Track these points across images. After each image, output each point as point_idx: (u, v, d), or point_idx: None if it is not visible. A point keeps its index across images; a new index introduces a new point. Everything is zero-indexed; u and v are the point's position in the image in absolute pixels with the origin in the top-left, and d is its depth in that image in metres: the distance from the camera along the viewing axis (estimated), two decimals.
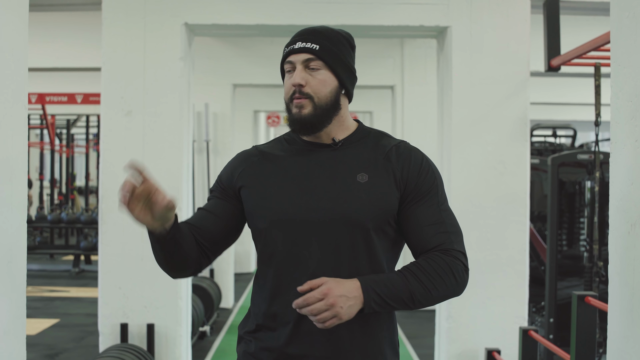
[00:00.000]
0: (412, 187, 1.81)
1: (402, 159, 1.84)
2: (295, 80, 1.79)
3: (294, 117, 1.81)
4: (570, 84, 10.30)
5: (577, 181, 5.94)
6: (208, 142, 8.47)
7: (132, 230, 4.66)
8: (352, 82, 1.88)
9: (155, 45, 4.67)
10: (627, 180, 1.90)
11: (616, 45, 1.98)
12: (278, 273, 1.79)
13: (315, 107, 1.80)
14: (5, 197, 2.15)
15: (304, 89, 1.79)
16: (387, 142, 1.88)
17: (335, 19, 4.63)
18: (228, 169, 1.93)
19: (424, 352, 6.13)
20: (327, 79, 1.82)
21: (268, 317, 1.80)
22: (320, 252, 1.76)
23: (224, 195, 1.89)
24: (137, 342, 4.68)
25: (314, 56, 1.80)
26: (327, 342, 1.76)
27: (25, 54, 2.30)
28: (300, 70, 1.80)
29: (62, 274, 10.52)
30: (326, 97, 1.81)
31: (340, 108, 1.85)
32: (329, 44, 1.82)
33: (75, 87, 10.40)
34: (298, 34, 1.86)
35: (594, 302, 3.08)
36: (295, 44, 1.83)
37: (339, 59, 1.83)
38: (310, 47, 1.81)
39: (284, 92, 1.86)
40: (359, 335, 1.77)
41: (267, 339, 1.80)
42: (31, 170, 15.60)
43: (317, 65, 1.81)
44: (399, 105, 8.20)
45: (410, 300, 1.72)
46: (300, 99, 1.79)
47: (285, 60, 1.85)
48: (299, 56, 1.81)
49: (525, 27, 4.70)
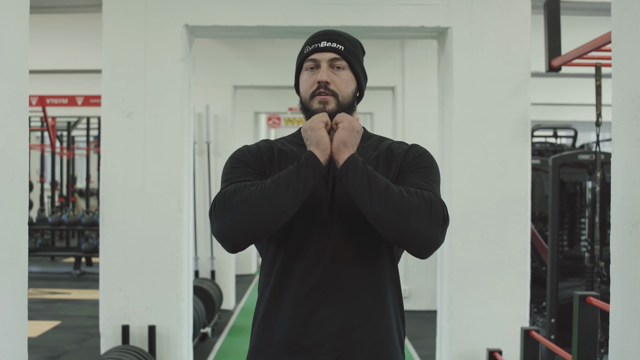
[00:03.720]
0: (407, 164, 1.88)
1: (403, 148, 1.93)
2: (323, 77, 1.85)
3: (317, 112, 1.85)
4: (571, 84, 10.29)
5: (578, 181, 5.94)
6: (209, 144, 8.47)
7: (133, 232, 4.67)
8: (365, 86, 1.96)
9: (156, 47, 4.67)
10: (629, 180, 1.89)
11: (617, 45, 1.98)
12: (288, 257, 1.84)
13: (338, 104, 1.86)
14: (6, 199, 2.15)
15: (330, 86, 1.85)
16: (388, 140, 1.98)
17: (336, 20, 4.63)
18: (251, 152, 1.90)
19: (425, 352, 6.12)
20: (350, 79, 1.89)
21: (275, 306, 1.84)
22: (334, 243, 1.82)
23: (258, 172, 1.86)
24: (139, 343, 4.68)
25: (340, 56, 1.87)
26: (338, 333, 1.80)
27: (26, 56, 2.30)
28: (325, 68, 1.86)
29: (63, 276, 10.53)
30: (348, 96, 1.89)
31: (355, 109, 1.93)
32: (352, 47, 1.91)
33: (75, 89, 10.40)
34: (321, 33, 1.92)
35: (595, 302, 3.08)
36: (320, 42, 1.88)
37: (359, 62, 1.92)
38: (337, 47, 1.88)
39: (301, 89, 1.91)
40: (368, 324, 1.82)
41: (276, 333, 1.84)
42: (32, 172, 15.61)
43: (342, 65, 1.88)
44: (400, 106, 8.20)
45: (384, 190, 1.71)
46: (326, 95, 1.85)
47: (308, 57, 1.89)
48: (325, 55, 1.87)
49: (526, 28, 4.70)
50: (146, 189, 4.68)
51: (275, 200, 1.70)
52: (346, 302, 1.81)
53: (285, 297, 1.83)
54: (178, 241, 4.69)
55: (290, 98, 10.83)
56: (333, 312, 1.80)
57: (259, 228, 1.71)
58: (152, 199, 4.67)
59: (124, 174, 4.69)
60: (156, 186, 4.68)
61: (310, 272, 1.81)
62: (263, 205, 1.70)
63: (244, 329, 7.09)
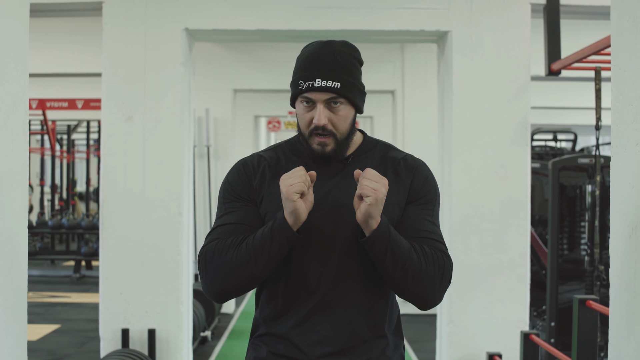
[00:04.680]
0: (414, 193, 1.86)
1: (409, 172, 1.88)
2: (321, 121, 1.77)
3: (317, 152, 1.82)
4: (570, 88, 10.29)
5: (578, 185, 5.94)
6: (209, 147, 8.48)
7: (133, 235, 4.67)
8: (364, 100, 1.89)
9: (156, 51, 4.67)
10: (628, 184, 1.89)
11: (617, 48, 1.98)
12: (292, 277, 1.82)
13: (337, 142, 1.81)
14: (5, 202, 2.15)
15: (327, 127, 1.79)
16: (393, 154, 1.92)
17: (336, 24, 4.64)
18: (241, 177, 1.87)
19: (425, 356, 6.12)
20: (348, 113, 1.82)
21: (278, 314, 1.84)
22: (336, 262, 1.80)
23: (246, 203, 1.85)
24: (138, 347, 4.68)
25: (337, 95, 1.78)
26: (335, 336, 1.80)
27: (26, 60, 2.30)
28: (322, 109, 1.78)
29: (63, 280, 10.52)
30: (347, 129, 1.83)
31: (355, 131, 1.88)
32: (348, 78, 1.79)
33: (75, 92, 10.40)
34: (314, 66, 1.79)
35: (595, 305, 3.08)
36: (314, 80, 1.77)
37: (357, 90, 1.83)
38: (333, 85, 1.77)
39: (299, 122, 1.85)
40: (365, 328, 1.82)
41: (278, 336, 1.84)
42: (32, 176, 15.61)
43: (340, 101, 1.79)
44: (400, 109, 8.20)
45: (403, 264, 1.72)
46: (324, 137, 1.80)
47: (302, 94, 1.80)
48: (320, 95, 1.78)
49: (525, 31, 4.70)
50: (146, 193, 4.68)
51: (249, 268, 1.73)
52: (346, 325, 1.80)
53: (285, 320, 1.83)
54: (178, 245, 4.68)
55: None
56: (333, 333, 1.80)
57: (237, 291, 1.78)
58: (152, 203, 4.67)
59: (124, 177, 4.69)
60: (156, 190, 4.68)
61: (310, 297, 1.80)
62: (239, 273, 1.73)
63: (243, 333, 7.08)
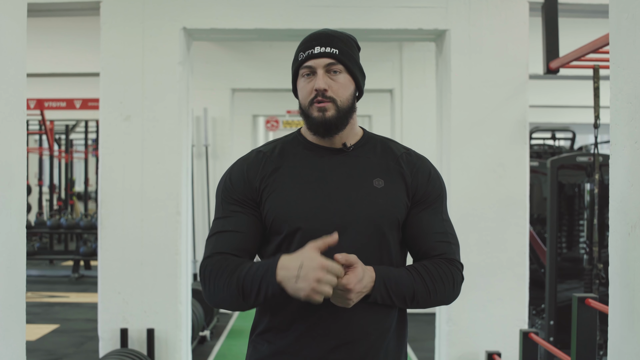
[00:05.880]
0: (420, 194, 1.87)
1: (412, 167, 1.89)
2: (320, 85, 1.80)
3: (317, 120, 1.81)
4: (569, 86, 10.31)
5: (577, 183, 5.94)
6: (207, 147, 8.47)
7: (132, 235, 4.67)
8: (364, 84, 1.91)
9: (154, 50, 4.67)
10: (627, 182, 1.89)
11: (615, 47, 1.98)
12: None
13: (338, 110, 1.82)
14: (4, 202, 2.15)
15: (327, 93, 1.81)
16: (395, 148, 1.93)
17: (334, 22, 4.63)
18: (241, 178, 1.86)
19: (424, 355, 6.12)
20: (347, 83, 1.84)
21: (280, 318, 1.82)
22: None
23: (244, 208, 1.83)
24: (137, 347, 4.67)
25: (335, 60, 1.82)
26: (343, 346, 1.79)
27: (24, 60, 2.30)
28: (322, 74, 1.81)
29: (61, 280, 10.51)
30: (347, 99, 1.84)
31: (355, 110, 1.89)
32: (346, 48, 1.84)
33: (73, 92, 10.40)
34: (314, 37, 1.85)
35: (594, 304, 3.07)
36: (314, 48, 1.82)
37: (356, 62, 1.86)
38: (331, 51, 1.82)
39: (300, 96, 1.86)
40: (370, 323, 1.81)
41: (278, 340, 1.82)
42: (30, 176, 15.60)
43: (338, 69, 1.82)
44: (398, 108, 8.20)
45: (411, 299, 1.78)
46: (324, 102, 1.80)
47: (303, 64, 1.84)
48: (320, 61, 1.82)
49: (523, 30, 4.70)
50: (145, 192, 4.68)
51: (240, 300, 1.73)
52: (350, 319, 1.80)
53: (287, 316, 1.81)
54: (176, 244, 4.68)
55: (289, 101, 10.84)
56: (337, 328, 1.79)
57: (235, 310, 1.79)
58: (151, 202, 4.67)
59: (123, 177, 4.68)
60: (154, 189, 4.68)
61: (313, 306, 1.76)
62: (232, 301, 1.74)
63: (242, 332, 7.08)
